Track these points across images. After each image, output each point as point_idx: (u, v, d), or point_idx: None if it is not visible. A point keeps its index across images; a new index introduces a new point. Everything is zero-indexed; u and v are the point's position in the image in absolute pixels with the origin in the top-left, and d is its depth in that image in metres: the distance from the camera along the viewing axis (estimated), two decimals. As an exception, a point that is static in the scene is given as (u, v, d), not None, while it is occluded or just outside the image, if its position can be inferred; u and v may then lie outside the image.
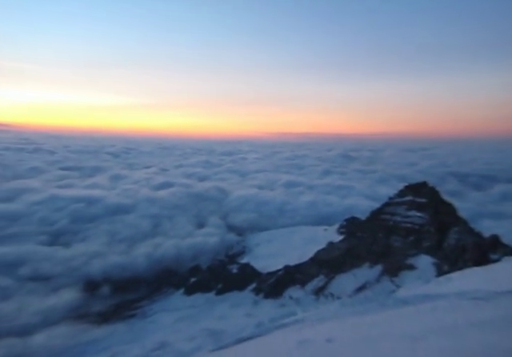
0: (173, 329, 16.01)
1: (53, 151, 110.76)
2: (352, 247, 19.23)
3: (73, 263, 25.64)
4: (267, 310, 16.22)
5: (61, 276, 23.86)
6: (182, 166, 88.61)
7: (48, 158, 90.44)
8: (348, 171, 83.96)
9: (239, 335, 10.84)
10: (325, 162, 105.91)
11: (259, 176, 73.51)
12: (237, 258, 29.35)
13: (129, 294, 23.47)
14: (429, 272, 12.44)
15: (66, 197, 41.36)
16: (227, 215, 43.87)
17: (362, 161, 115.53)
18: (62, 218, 35.90)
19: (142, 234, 33.01)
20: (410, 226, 16.94)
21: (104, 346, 14.83)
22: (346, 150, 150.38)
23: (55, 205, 38.74)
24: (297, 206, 45.94)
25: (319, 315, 9.59)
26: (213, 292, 21.78)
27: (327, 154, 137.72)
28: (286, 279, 19.33)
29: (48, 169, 71.01)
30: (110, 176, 63.31)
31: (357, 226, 24.14)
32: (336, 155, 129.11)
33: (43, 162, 79.63)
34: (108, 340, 15.73)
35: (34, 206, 37.98)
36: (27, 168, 69.61)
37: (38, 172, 65.78)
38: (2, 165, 70.84)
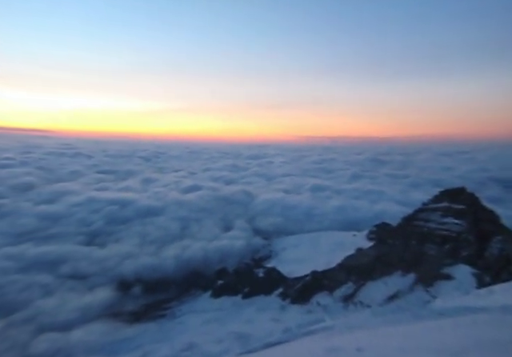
0: (201, 331, 16.25)
1: (91, 156, 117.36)
2: (382, 254, 18.53)
3: (107, 263, 26.77)
4: (294, 315, 16.02)
5: (96, 275, 24.94)
6: (210, 170, 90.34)
7: (86, 162, 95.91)
8: (378, 176, 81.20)
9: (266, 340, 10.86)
10: (354, 166, 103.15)
11: (286, 180, 73.12)
12: (263, 262, 29.30)
13: (159, 294, 24.06)
14: (468, 283, 11.65)
15: (102, 199, 43.46)
16: (253, 219, 43.98)
17: (394, 165, 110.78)
18: (98, 219, 37.74)
19: (170, 237, 33.88)
20: (446, 234, 16.02)
21: (136, 345, 15.35)
22: (376, 154, 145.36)
23: (92, 207, 40.82)
24: (324, 211, 45.09)
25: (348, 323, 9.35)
26: (239, 295, 21.84)
27: (356, 157, 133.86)
28: (314, 285, 18.98)
29: (86, 172, 75.26)
30: (142, 179, 65.90)
31: (388, 232, 23.25)
32: (365, 159, 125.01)
33: (82, 166, 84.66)
34: (139, 339, 16.25)
35: (73, 208, 40.34)
36: (68, 171, 74.36)
37: (77, 175, 69.91)
38: (46, 169, 76.18)
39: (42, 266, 25.20)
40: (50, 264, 25.71)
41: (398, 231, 20.33)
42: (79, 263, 26.37)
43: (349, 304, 15.08)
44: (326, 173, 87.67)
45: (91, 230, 35.42)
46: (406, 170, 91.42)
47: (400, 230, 19.92)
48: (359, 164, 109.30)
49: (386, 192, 57.09)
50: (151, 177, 69.85)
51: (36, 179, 58.33)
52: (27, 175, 61.76)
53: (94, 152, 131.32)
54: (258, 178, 76.91)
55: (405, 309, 8.95)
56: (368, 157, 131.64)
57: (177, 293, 24.45)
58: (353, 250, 22.28)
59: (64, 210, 39.72)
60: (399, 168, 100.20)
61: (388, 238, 20.97)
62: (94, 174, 74.11)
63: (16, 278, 22.21)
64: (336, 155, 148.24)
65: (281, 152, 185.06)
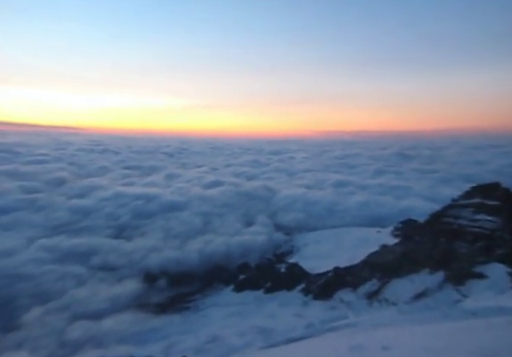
0: (224, 324, 16.54)
1: (117, 152, 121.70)
2: (409, 251, 17.93)
3: (134, 256, 27.65)
4: (317, 311, 15.92)
5: (124, 267, 25.89)
6: (232, 166, 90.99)
7: (113, 158, 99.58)
8: (404, 171, 78.23)
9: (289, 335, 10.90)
10: (378, 161, 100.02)
11: (307, 175, 72.30)
12: (285, 257, 29.25)
13: (183, 287, 24.59)
14: (503, 283, 11.00)
15: (128, 194, 44.85)
16: (275, 214, 43.91)
17: (421, 160, 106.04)
18: (124, 213, 39.03)
19: (194, 231, 34.43)
20: (478, 231, 15.21)
21: (162, 335, 15.87)
22: (402, 149, 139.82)
23: (119, 201, 42.27)
24: (347, 207, 44.18)
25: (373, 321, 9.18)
26: (261, 290, 21.99)
27: (381, 152, 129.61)
28: (336, 281, 18.75)
29: (113, 168, 78.17)
30: (166, 175, 67.45)
31: (414, 229, 22.46)
32: (391, 154, 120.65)
33: (109, 162, 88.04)
34: (165, 330, 16.78)
35: (102, 202, 42.03)
36: (97, 167, 77.60)
37: (105, 171, 72.80)
38: (77, 164, 79.97)
39: (74, 257, 26.46)
40: (82, 256, 26.92)
41: (425, 228, 19.57)
42: (108, 255, 27.44)
43: (373, 301, 14.76)
44: (349, 168, 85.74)
45: (118, 223, 36.68)
46: (435, 165, 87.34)
47: (428, 227, 19.16)
48: (384, 159, 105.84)
49: (412, 188, 54.99)
50: (174, 172, 71.35)
51: (68, 174, 61.27)
52: (60, 171, 65.08)
53: (121, 148, 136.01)
54: (279, 173, 76.56)
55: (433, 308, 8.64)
56: (393, 151, 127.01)
57: (200, 286, 24.91)
58: (377, 247, 21.74)
59: (93, 205, 41.39)
60: (427, 163, 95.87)
61: (415, 234, 20.25)
62: (120, 169, 76.80)
63: (52, 269, 23.52)
64: (359, 150, 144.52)
65: (302, 147, 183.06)
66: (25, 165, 70.35)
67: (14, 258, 24.39)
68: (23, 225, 33.38)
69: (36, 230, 31.93)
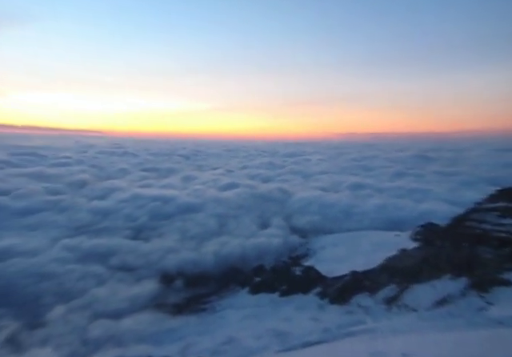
0: (240, 326, 16.54)
1: (136, 154, 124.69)
2: (429, 256, 17.42)
3: (152, 257, 28.07)
4: (334, 316, 15.69)
5: (142, 268, 26.28)
6: (247, 168, 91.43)
7: (132, 161, 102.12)
8: (424, 173, 76.14)
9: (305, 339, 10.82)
10: (397, 163, 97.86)
11: (323, 178, 71.64)
12: (300, 260, 28.99)
13: (199, 288, 24.72)
14: (531, 291, 10.54)
15: (146, 196, 45.81)
16: (290, 217, 43.69)
17: (442, 162, 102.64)
18: (142, 215, 39.82)
19: (209, 233, 34.67)
20: (504, 236, 14.59)
21: (179, 336, 16.04)
22: (422, 151, 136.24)
23: (137, 203, 43.20)
24: (364, 210, 43.44)
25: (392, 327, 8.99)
26: (277, 293, 21.85)
27: (400, 154, 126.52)
28: (354, 286, 18.43)
29: (132, 170, 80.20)
30: (182, 177, 68.47)
31: (435, 233, 21.79)
32: (410, 156, 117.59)
33: (128, 164, 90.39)
34: (182, 331, 16.95)
35: (121, 204, 43.11)
36: (116, 169, 79.85)
37: (124, 173, 74.76)
38: (98, 167, 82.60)
39: (95, 257, 27.20)
40: (102, 256, 27.63)
41: (447, 232, 18.96)
42: (127, 256, 28.01)
43: (392, 307, 14.38)
44: (367, 171, 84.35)
45: (136, 224, 37.43)
46: (457, 168, 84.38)
47: (449, 232, 18.56)
48: (403, 161, 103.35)
49: (432, 191, 53.41)
50: (191, 174, 72.34)
51: (89, 176, 63.32)
52: (82, 173, 67.36)
53: (139, 151, 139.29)
54: (294, 175, 76.24)
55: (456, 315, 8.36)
56: (413, 154, 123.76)
57: (216, 288, 25.01)
58: (395, 251, 21.25)
59: (113, 206, 42.51)
60: (448, 165, 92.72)
61: (435, 239, 19.66)
62: (138, 171, 78.65)
63: (74, 268, 24.31)
64: (377, 152, 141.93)
65: (318, 149, 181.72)
66: (49, 167, 73.32)
67: (39, 257, 25.40)
68: (48, 225, 34.81)
69: (59, 231, 33.20)
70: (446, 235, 18.54)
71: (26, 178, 57.35)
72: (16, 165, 75.72)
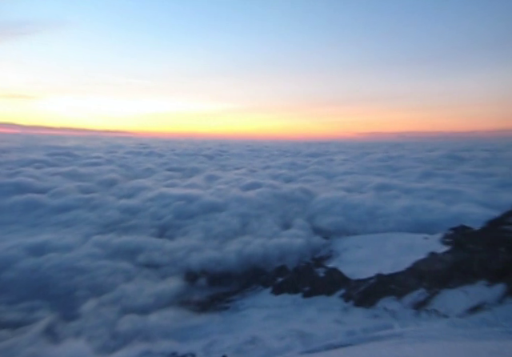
0: (263, 326, 16.59)
1: (162, 154, 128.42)
2: (461, 261, 16.59)
3: (176, 254, 28.64)
4: (358, 319, 15.34)
5: (167, 265, 26.90)
6: (269, 168, 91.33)
7: (158, 161, 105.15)
8: (455, 174, 72.42)
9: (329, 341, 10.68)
10: (426, 163, 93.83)
11: (347, 178, 70.14)
12: (323, 261, 28.63)
13: (222, 287, 25.02)
14: None
15: (171, 195, 46.83)
16: (313, 217, 43.12)
17: (475, 162, 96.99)
18: (167, 213, 40.76)
19: (232, 232, 34.91)
20: (544, 241, 13.68)
21: (203, 333, 16.32)
22: (452, 150, 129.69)
23: (163, 202, 44.29)
24: (390, 211, 42.02)
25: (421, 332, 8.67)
26: (300, 294, 21.70)
27: (429, 154, 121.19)
28: (379, 289, 17.92)
29: (158, 170, 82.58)
30: (206, 176, 69.55)
31: (468, 236, 20.70)
32: (440, 156, 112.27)
33: (154, 164, 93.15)
34: (206, 328, 17.22)
35: (147, 203, 44.43)
36: (143, 169, 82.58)
37: (150, 172, 77.14)
38: (126, 166, 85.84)
39: (123, 254, 28.24)
40: (130, 253, 28.60)
41: (481, 236, 17.98)
42: (153, 253, 28.74)
43: (421, 312, 13.85)
44: (393, 171, 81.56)
45: (162, 223, 38.32)
46: (492, 168, 79.45)
47: (484, 235, 17.58)
48: (432, 161, 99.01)
49: (464, 192, 50.72)
50: (214, 174, 73.28)
51: (118, 176, 65.81)
52: (111, 172, 70.22)
53: (165, 151, 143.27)
54: (317, 176, 75.21)
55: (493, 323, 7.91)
56: (443, 153, 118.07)
57: (239, 287, 25.18)
58: (424, 255, 20.39)
59: (140, 205, 43.82)
60: (482, 166, 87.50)
61: (468, 243, 18.67)
62: (164, 171, 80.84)
63: (104, 264, 25.38)
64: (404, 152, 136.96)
65: (342, 149, 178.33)
66: (82, 167, 77.08)
67: (73, 252, 26.73)
68: (80, 222, 36.66)
69: (91, 228, 34.85)
70: (480, 239, 17.59)
71: (61, 176, 60.65)
72: (53, 164, 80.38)
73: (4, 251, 25.29)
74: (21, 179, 51.69)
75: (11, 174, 58.55)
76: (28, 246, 26.69)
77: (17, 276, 22.40)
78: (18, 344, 13.06)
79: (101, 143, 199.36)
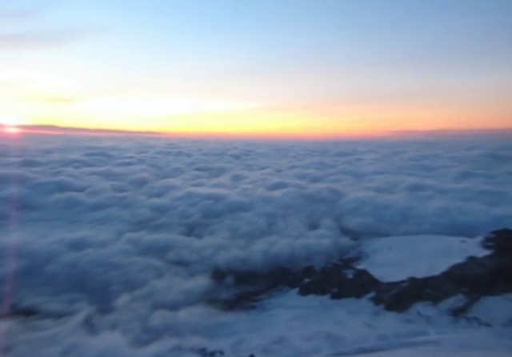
0: (290, 326, 16.46)
1: (190, 154, 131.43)
2: (505, 266, 15.50)
3: (204, 253, 29.10)
4: (390, 323, 14.77)
5: (195, 263, 27.38)
6: (296, 167, 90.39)
7: (186, 160, 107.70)
8: (497, 174, 67.40)
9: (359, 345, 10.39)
10: (463, 163, 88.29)
11: (377, 178, 67.77)
12: (352, 263, 27.89)
13: (248, 286, 24.98)
14: None
15: (199, 194, 47.66)
16: (341, 218, 42.10)
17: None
18: (195, 212, 41.51)
19: (258, 232, 34.84)
20: None
21: (231, 331, 16.48)
22: (494, 149, 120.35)
23: (190, 201, 45.16)
24: (424, 213, 40.04)
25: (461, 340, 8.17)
26: (327, 296, 21.31)
27: (467, 153, 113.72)
28: (412, 293, 17.16)
29: (186, 169, 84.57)
30: (232, 176, 70.11)
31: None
32: (479, 155, 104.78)
33: (183, 164, 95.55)
34: (234, 326, 17.36)
35: (176, 201, 45.59)
36: (172, 169, 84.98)
37: (179, 172, 79.19)
38: (156, 166, 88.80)
39: (153, 251, 29.17)
40: (160, 250, 29.46)
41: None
42: (182, 251, 29.40)
43: (460, 319, 13.08)
44: (427, 171, 77.54)
45: (190, 221, 39.04)
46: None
47: (530, 240, 16.33)
48: (470, 161, 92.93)
49: (508, 193, 47.18)
50: (240, 174, 73.71)
51: (149, 175, 68.18)
52: (143, 172, 72.92)
53: (192, 151, 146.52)
54: (345, 175, 73.31)
55: (542, 335, 7.28)
56: (483, 152, 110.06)
57: (265, 286, 25.12)
58: (462, 259, 19.30)
59: (169, 203, 45.03)
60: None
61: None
62: (192, 171, 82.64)
63: (136, 260, 26.40)
64: (440, 151, 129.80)
65: (372, 148, 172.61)
66: (115, 166, 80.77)
67: (107, 248, 28.07)
68: (114, 220, 38.42)
69: (124, 225, 36.40)
70: (526, 243, 16.33)
71: (96, 176, 63.92)
72: (89, 164, 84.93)
73: (48, 246, 27.05)
74: (62, 178, 55.00)
75: (54, 173, 62.56)
76: (68, 241, 28.35)
77: (59, 269, 23.85)
78: (61, 333, 13.88)
79: (133, 144, 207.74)
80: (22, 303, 19.39)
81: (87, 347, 12.64)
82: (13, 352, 11.84)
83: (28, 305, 19.27)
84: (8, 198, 41.98)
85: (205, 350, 13.68)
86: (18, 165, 69.23)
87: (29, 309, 18.75)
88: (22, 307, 18.88)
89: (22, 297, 20.04)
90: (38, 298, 20.02)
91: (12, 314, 16.95)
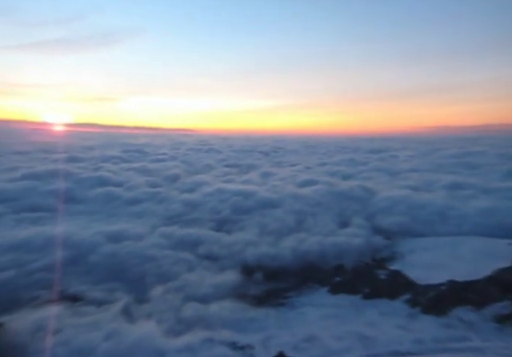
0: (320, 325, 16.26)
1: (220, 151, 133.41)
2: (559, 273, 14.19)
3: (233, 248, 29.40)
4: (427, 327, 14.09)
5: (225, 258, 27.80)
6: (326, 164, 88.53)
7: (216, 157, 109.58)
8: (553, 173, 61.55)
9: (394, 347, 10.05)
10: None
11: (413, 176, 64.37)
12: (385, 263, 26.93)
13: (278, 283, 24.88)
14: None
15: (229, 190, 48.14)
16: (373, 216, 40.60)
17: None
18: (225, 208, 41.91)
19: (287, 229, 34.49)
20: None
21: (260, 327, 16.57)
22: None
23: (221, 197, 45.70)
24: (465, 213, 37.53)
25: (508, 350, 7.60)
26: (359, 295, 20.79)
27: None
28: (452, 296, 16.23)
29: (216, 166, 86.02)
30: (261, 173, 70.02)
31: None
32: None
33: (213, 160, 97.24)
34: (263, 322, 17.43)
35: (206, 197, 46.46)
36: (203, 165, 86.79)
37: (209, 168, 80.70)
38: (188, 162, 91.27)
39: (185, 245, 30.01)
40: (191, 244, 30.24)
41: None
42: (212, 246, 29.91)
43: (506, 327, 12.19)
44: (470, 168, 72.14)
45: (220, 217, 39.55)
46: None
47: None
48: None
49: None
50: (270, 171, 73.54)
51: (181, 171, 70.24)
52: (175, 168, 75.20)
53: (223, 148, 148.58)
54: (378, 173, 70.49)
55: None
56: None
57: (294, 284, 24.94)
58: (509, 263, 18.03)
59: (200, 199, 45.96)
60: None
61: None
62: (222, 167, 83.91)
63: (169, 254, 27.39)
64: (485, 148, 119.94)
65: (407, 145, 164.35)
66: (150, 163, 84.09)
67: (143, 241, 29.41)
68: (149, 214, 40.11)
69: (157, 219, 37.90)
70: None
71: (133, 171, 67.04)
72: (126, 160, 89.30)
73: (90, 237, 28.85)
74: (102, 174, 58.22)
75: (95, 168, 66.59)
76: (108, 233, 30.02)
77: (100, 260, 25.38)
78: (103, 319, 14.79)
79: (166, 140, 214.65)
80: (68, 290, 20.98)
81: (126, 334, 13.37)
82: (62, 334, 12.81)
83: (74, 292, 20.81)
84: (57, 191, 45.38)
85: (235, 344, 13.91)
86: (65, 161, 74.71)
87: (74, 295, 20.24)
88: (69, 294, 20.42)
89: (69, 284, 21.68)
90: (82, 286, 21.55)
91: (60, 300, 18.37)
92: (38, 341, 12.27)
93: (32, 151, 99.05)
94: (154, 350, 12.79)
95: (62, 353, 11.83)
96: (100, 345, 12.57)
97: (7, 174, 55.99)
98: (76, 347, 12.26)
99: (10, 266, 22.68)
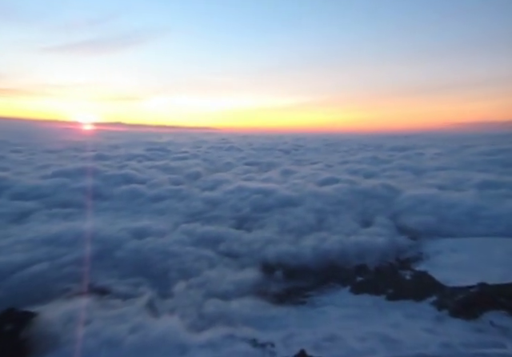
0: (341, 324, 16.03)
1: (240, 149, 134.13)
2: None
3: (254, 246, 29.51)
4: (456, 331, 13.53)
5: (245, 256, 27.94)
6: (348, 163, 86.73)
7: (237, 155, 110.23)
8: None
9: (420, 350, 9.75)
10: (553, 158, 75.95)
11: (440, 174, 61.69)
12: (410, 264, 26.17)
13: (298, 281, 24.71)
14: None
15: (249, 188, 48.30)
16: (397, 216, 39.44)
17: None
18: (245, 206, 42.14)
19: (308, 227, 34.22)
20: None
21: (281, 325, 16.57)
22: None
23: (241, 195, 45.95)
24: (498, 213, 35.59)
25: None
26: (382, 296, 20.27)
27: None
28: (483, 300, 15.47)
29: (236, 164, 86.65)
30: (281, 171, 69.78)
31: None
32: None
33: (234, 158, 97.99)
34: (284, 320, 17.43)
35: (227, 195, 46.87)
36: (223, 163, 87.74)
37: (230, 166, 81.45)
38: (209, 160, 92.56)
39: (206, 242, 30.47)
40: (212, 242, 30.67)
41: None
42: (232, 244, 30.16)
43: (543, 335, 11.51)
44: (504, 166, 67.92)
45: (240, 215, 39.79)
46: None
47: None
48: None
49: None
50: (290, 169, 73.15)
51: (202, 169, 71.25)
52: (196, 166, 76.53)
53: (243, 146, 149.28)
54: (403, 171, 68.18)
55: None
56: None
57: (315, 283, 24.72)
58: (546, 267, 16.92)
59: (220, 197, 46.42)
60: None
61: None
62: (242, 165, 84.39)
63: (190, 250, 27.92)
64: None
65: (433, 142, 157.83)
66: (172, 161, 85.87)
67: (166, 238, 30.14)
68: (171, 211, 41.02)
69: (180, 216, 38.67)
70: None
71: (156, 169, 68.73)
72: (150, 158, 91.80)
73: (116, 233, 29.93)
74: (127, 171, 59.96)
75: (120, 166, 68.74)
76: (132, 229, 30.99)
77: (125, 255, 26.28)
78: (129, 313, 15.30)
79: (188, 139, 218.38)
80: (96, 283, 21.92)
81: (151, 328, 13.76)
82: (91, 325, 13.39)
83: (101, 285, 21.70)
84: (85, 188, 47.41)
85: (256, 341, 13.96)
86: (92, 159, 78.01)
87: (102, 289, 21.10)
88: (97, 287, 21.32)
89: (97, 277, 22.65)
90: (109, 280, 22.43)
91: (89, 292, 19.23)
92: (69, 331, 12.86)
93: (62, 150, 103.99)
94: (177, 345, 13.06)
95: (92, 344, 12.35)
96: (126, 338, 12.97)
97: (40, 171, 59.00)
98: (105, 339, 12.73)
99: (43, 259, 24.01)
